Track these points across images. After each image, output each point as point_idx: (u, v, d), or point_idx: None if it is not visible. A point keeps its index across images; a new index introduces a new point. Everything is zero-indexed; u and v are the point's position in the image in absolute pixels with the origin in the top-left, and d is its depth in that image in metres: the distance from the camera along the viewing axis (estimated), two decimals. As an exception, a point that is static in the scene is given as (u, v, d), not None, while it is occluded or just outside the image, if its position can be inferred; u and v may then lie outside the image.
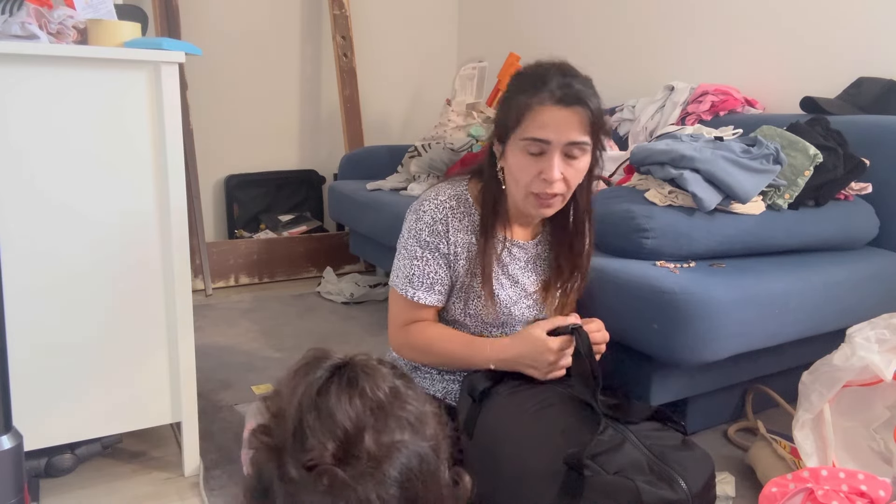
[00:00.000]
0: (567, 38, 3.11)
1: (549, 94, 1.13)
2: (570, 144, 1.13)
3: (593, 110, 1.14)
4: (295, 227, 3.33)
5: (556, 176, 1.14)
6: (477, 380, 1.21)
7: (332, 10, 3.32)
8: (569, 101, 1.12)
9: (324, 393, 0.67)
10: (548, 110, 1.12)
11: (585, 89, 1.15)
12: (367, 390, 0.68)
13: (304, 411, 0.66)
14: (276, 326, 2.55)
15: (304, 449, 0.65)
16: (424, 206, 1.27)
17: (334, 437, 0.64)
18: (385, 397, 0.68)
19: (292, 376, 0.71)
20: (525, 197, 1.19)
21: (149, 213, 1.40)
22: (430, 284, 1.26)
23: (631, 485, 0.95)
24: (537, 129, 1.13)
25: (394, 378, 0.72)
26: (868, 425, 1.44)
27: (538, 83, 1.14)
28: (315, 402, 0.66)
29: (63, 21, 1.32)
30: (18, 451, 1.07)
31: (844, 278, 1.60)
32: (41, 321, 1.33)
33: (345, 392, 0.67)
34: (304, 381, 0.69)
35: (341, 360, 0.70)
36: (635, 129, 2.46)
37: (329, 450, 0.64)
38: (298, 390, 0.68)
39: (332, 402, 0.66)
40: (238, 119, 3.30)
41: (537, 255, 1.34)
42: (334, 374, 0.69)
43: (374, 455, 0.65)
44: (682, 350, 1.36)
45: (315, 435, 0.65)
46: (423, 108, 3.74)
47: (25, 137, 1.27)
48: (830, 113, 1.93)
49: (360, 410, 0.66)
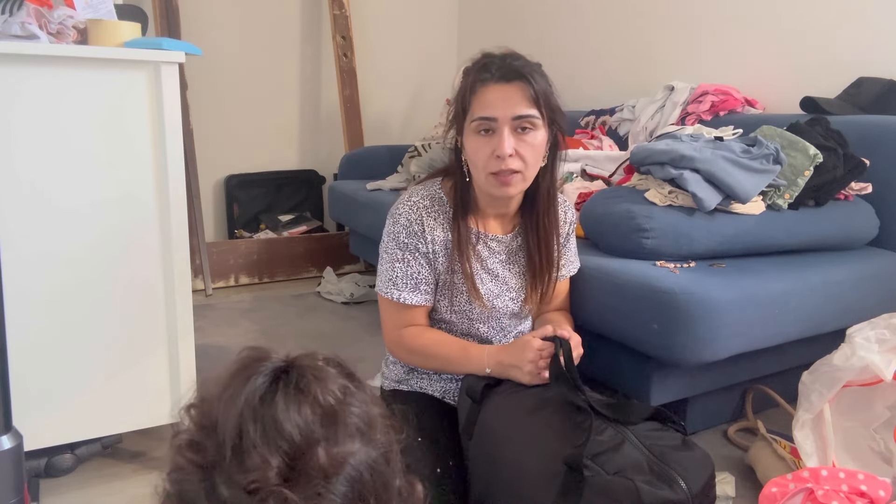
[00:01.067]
0: (567, 38, 3.11)
1: (489, 75, 1.17)
2: (517, 119, 1.16)
3: (535, 84, 1.17)
4: (295, 227, 3.33)
5: (507, 150, 1.16)
6: (476, 380, 1.21)
7: (332, 10, 3.32)
8: (509, 76, 1.16)
9: (268, 401, 0.58)
10: (490, 89, 1.17)
11: (526, 65, 1.18)
12: (319, 397, 0.59)
13: (246, 424, 0.57)
14: (276, 326, 2.55)
15: (245, 469, 0.56)
16: (399, 209, 1.29)
17: (280, 452, 0.56)
18: (336, 403, 0.60)
19: (227, 381, 0.61)
20: (486, 179, 1.21)
21: (149, 212, 1.40)
22: (414, 284, 1.27)
23: (631, 485, 0.95)
24: (482, 109, 1.17)
25: (342, 379, 0.64)
26: (868, 425, 1.44)
27: (480, 68, 1.19)
28: (258, 413, 0.57)
29: (63, 21, 1.32)
30: (18, 451, 1.08)
31: (844, 278, 1.60)
32: (41, 321, 1.33)
33: (293, 399, 0.58)
34: (242, 387, 0.59)
35: (284, 363, 0.62)
36: (635, 129, 2.46)
37: (273, 467, 0.56)
38: (237, 399, 0.58)
39: (279, 412, 0.57)
40: (238, 119, 3.30)
41: (518, 248, 1.35)
42: (278, 378, 0.60)
43: (325, 470, 0.57)
44: (681, 350, 1.36)
45: (258, 451, 0.56)
46: (423, 108, 3.74)
47: (25, 137, 1.27)
48: (830, 113, 1.92)
49: (309, 420, 0.58)
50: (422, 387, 1.35)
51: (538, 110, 1.17)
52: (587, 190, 1.92)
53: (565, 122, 1.27)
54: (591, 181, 2.02)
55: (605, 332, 1.50)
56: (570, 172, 2.08)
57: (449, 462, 1.17)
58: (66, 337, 1.36)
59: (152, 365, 1.44)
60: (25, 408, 1.30)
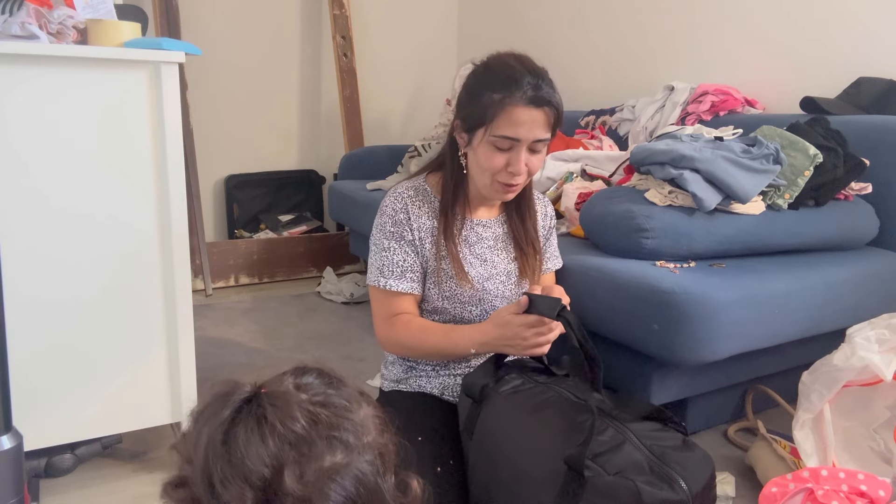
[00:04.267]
0: (567, 38, 3.11)
1: (521, 95, 1.19)
2: (535, 141, 1.22)
3: (558, 109, 1.23)
4: (295, 227, 3.33)
5: (523, 169, 1.23)
6: (474, 379, 1.20)
7: (332, 10, 3.32)
8: (539, 102, 1.19)
9: (230, 438, 0.59)
10: (520, 111, 1.19)
11: (551, 90, 1.22)
12: (279, 426, 0.60)
13: (213, 462, 0.59)
14: (276, 326, 2.55)
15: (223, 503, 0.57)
16: (385, 201, 1.33)
17: (252, 486, 0.57)
18: (301, 428, 0.60)
19: (196, 419, 0.63)
20: (490, 184, 1.27)
21: (149, 213, 1.40)
22: (400, 272, 1.29)
23: (631, 485, 0.95)
24: (509, 128, 1.20)
25: (314, 396, 0.64)
26: (868, 425, 1.44)
27: (510, 83, 1.20)
28: (222, 450, 0.59)
29: (63, 21, 1.32)
30: (18, 451, 1.07)
31: (844, 278, 1.60)
32: (41, 321, 1.33)
33: (254, 433, 0.59)
34: (207, 424, 0.61)
35: (247, 395, 0.62)
36: (635, 129, 2.46)
37: (249, 499, 0.57)
38: (202, 438, 0.60)
39: (242, 446, 0.58)
40: (238, 119, 3.30)
41: (505, 233, 1.38)
42: (239, 412, 0.61)
43: (300, 496, 0.58)
44: (681, 350, 1.36)
45: (229, 488, 0.57)
46: (423, 108, 3.74)
47: (25, 137, 1.27)
48: (830, 113, 1.93)
49: (274, 449, 0.58)
50: (421, 385, 1.35)
51: (551, 132, 1.24)
52: (587, 190, 1.92)
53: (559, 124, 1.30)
54: (591, 181, 2.02)
55: (605, 332, 1.50)
56: (570, 172, 2.08)
57: (449, 462, 1.18)
58: (66, 337, 1.36)
59: (152, 365, 1.44)
60: (25, 408, 1.30)
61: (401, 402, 1.32)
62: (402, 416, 1.36)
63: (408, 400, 1.33)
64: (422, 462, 1.15)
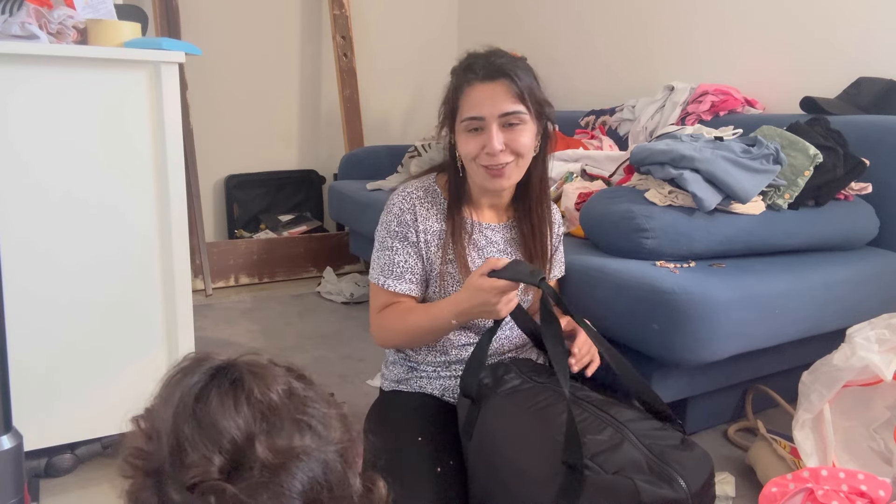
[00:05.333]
0: (567, 38, 3.11)
1: (474, 74, 1.21)
2: (504, 115, 1.20)
3: (519, 80, 1.20)
4: (295, 227, 3.33)
5: (497, 147, 1.20)
6: (468, 377, 1.20)
7: (332, 10, 3.32)
8: (493, 75, 1.20)
9: (203, 399, 0.58)
10: (475, 88, 1.21)
11: (509, 63, 1.21)
12: (256, 392, 0.59)
13: (181, 423, 0.57)
14: (276, 326, 2.55)
15: (185, 466, 0.55)
16: (393, 199, 1.32)
17: (220, 449, 0.56)
18: (279, 399, 0.59)
19: (165, 385, 0.61)
20: (478, 171, 1.25)
21: (149, 213, 1.40)
22: (400, 273, 1.29)
23: (630, 484, 0.95)
24: (470, 108, 1.21)
25: (289, 378, 0.63)
26: (868, 425, 1.44)
27: (466, 69, 1.23)
28: (193, 411, 0.57)
29: (63, 21, 1.32)
30: (18, 451, 1.07)
31: (844, 278, 1.60)
32: (41, 321, 1.33)
33: (228, 396, 0.58)
34: (178, 388, 0.59)
35: (223, 362, 0.61)
36: (635, 129, 2.46)
37: (215, 464, 0.55)
38: (172, 400, 0.58)
39: (214, 409, 0.57)
40: (238, 119, 3.30)
41: (513, 238, 1.37)
42: (214, 377, 0.59)
43: (269, 464, 0.56)
44: (681, 350, 1.36)
45: (197, 449, 0.55)
46: (423, 108, 3.74)
47: (25, 137, 1.27)
48: (830, 113, 1.93)
49: (248, 416, 0.57)
50: (421, 386, 1.35)
51: (524, 105, 1.21)
52: (587, 190, 1.92)
53: (554, 113, 1.29)
54: (591, 181, 2.02)
55: (605, 332, 1.49)
56: (570, 172, 2.08)
57: (449, 462, 1.17)
58: (66, 337, 1.36)
59: (152, 365, 1.44)
60: (25, 408, 1.30)
61: (401, 402, 1.32)
62: (402, 417, 1.36)
63: (408, 400, 1.32)
64: (422, 462, 1.15)
